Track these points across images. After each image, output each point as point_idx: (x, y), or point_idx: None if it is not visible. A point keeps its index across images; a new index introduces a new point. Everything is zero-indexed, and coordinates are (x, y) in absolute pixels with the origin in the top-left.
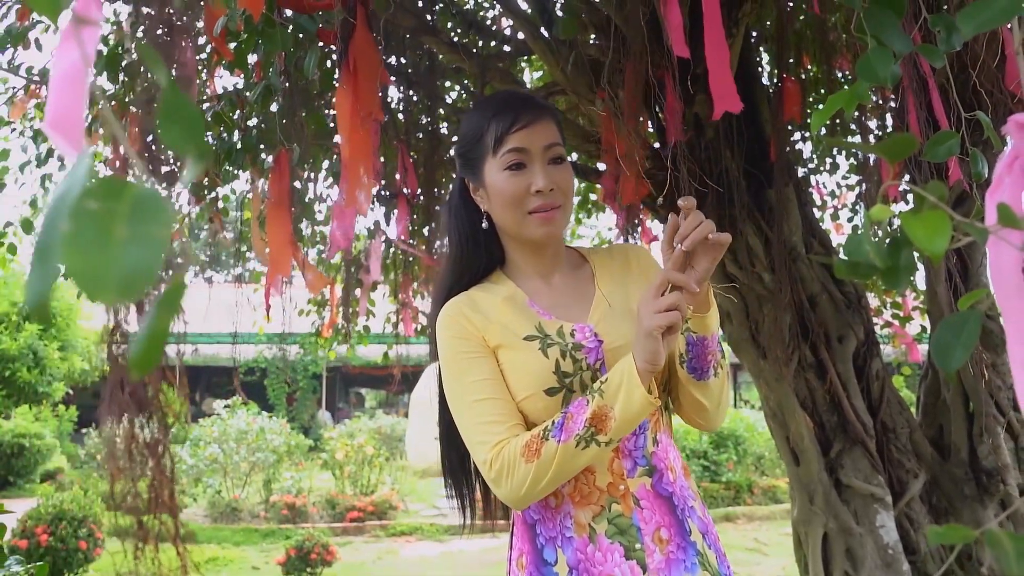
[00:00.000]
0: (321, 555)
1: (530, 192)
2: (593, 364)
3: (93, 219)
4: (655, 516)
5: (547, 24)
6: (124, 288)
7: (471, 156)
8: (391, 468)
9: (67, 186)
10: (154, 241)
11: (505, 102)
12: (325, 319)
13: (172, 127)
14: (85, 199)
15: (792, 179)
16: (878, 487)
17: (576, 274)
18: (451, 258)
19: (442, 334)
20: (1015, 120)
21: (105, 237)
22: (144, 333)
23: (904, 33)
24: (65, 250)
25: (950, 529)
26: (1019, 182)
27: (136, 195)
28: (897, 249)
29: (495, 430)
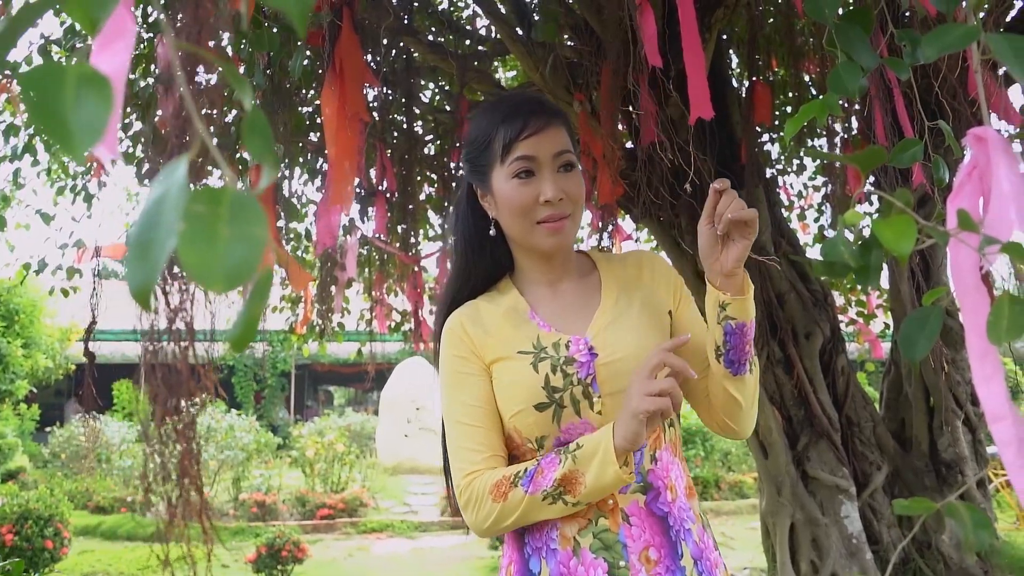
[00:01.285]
0: (292, 552)
1: (539, 202)
2: (584, 379)
3: (201, 220)
4: (645, 535)
5: (524, 25)
6: (230, 279)
7: (479, 162)
8: (361, 466)
9: (164, 189)
10: (254, 239)
11: (515, 107)
12: (299, 316)
13: (254, 139)
14: (193, 203)
15: (761, 180)
16: (843, 479)
17: (584, 282)
18: (457, 265)
19: (443, 347)
20: (973, 133)
21: (213, 236)
22: (241, 317)
23: (871, 48)
24: (182, 247)
25: (915, 502)
26: (977, 189)
27: (233, 199)
28: (868, 250)
29: (472, 458)
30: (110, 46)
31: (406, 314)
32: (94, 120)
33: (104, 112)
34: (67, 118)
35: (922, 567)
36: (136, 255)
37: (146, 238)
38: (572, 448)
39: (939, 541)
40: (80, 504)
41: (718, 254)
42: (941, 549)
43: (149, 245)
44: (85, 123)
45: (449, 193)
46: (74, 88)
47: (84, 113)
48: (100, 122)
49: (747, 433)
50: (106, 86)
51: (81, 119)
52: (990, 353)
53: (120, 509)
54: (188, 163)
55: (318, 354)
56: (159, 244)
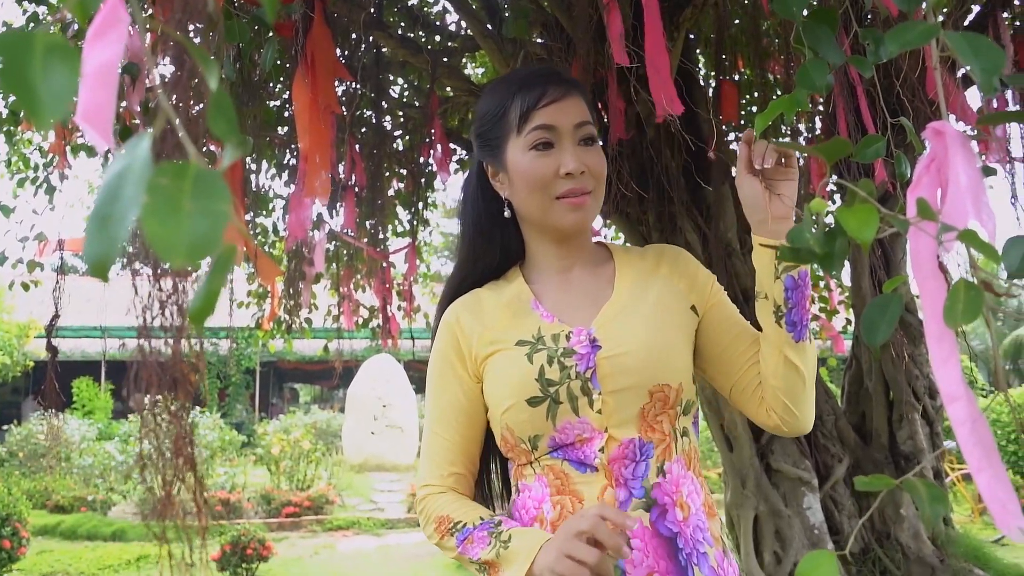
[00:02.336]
0: (257, 550)
1: (559, 175)
2: (583, 372)
3: (165, 194)
4: (648, 559)
5: (495, 21)
6: (192, 252)
7: (491, 136)
8: (327, 463)
9: (126, 163)
10: (217, 213)
11: (531, 76)
12: (265, 311)
13: (219, 120)
14: (157, 176)
15: (728, 178)
16: (805, 471)
17: (597, 272)
18: (463, 252)
19: (436, 339)
20: (932, 127)
21: (176, 209)
22: (202, 290)
23: (837, 46)
24: (145, 219)
25: (875, 479)
26: (935, 181)
27: (197, 174)
28: (832, 238)
29: (434, 472)
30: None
31: (374, 310)
32: (61, 89)
33: (71, 82)
34: (35, 86)
35: (881, 557)
36: (95, 228)
37: (106, 212)
38: (503, 536)
39: (897, 531)
40: (39, 503)
41: (765, 202)
42: (899, 539)
43: (109, 218)
44: (53, 92)
45: (418, 189)
46: (42, 57)
47: (52, 82)
48: (67, 92)
49: (808, 422)
50: (74, 56)
51: (49, 88)
52: (947, 336)
53: (80, 508)
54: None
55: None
56: (119, 217)
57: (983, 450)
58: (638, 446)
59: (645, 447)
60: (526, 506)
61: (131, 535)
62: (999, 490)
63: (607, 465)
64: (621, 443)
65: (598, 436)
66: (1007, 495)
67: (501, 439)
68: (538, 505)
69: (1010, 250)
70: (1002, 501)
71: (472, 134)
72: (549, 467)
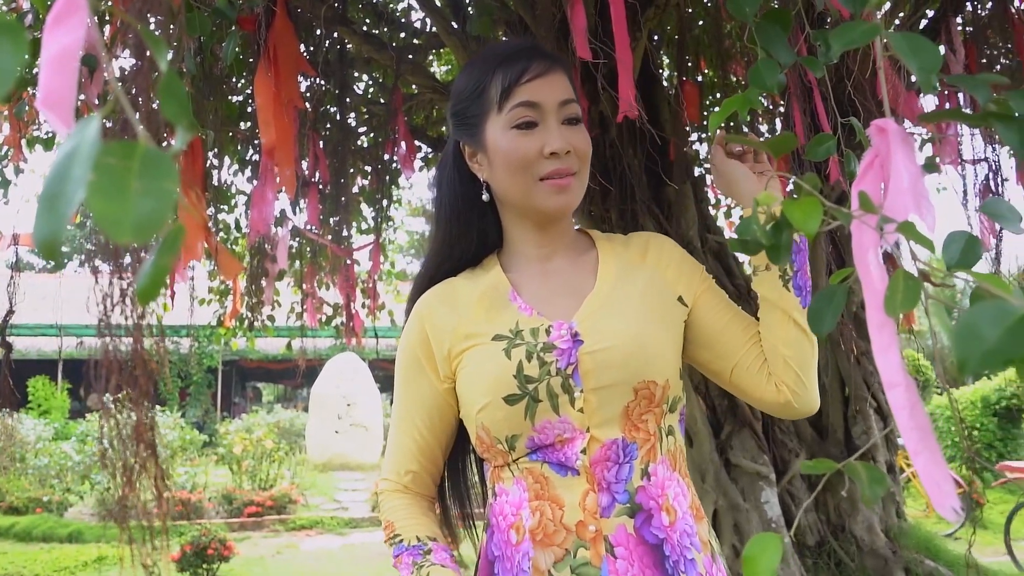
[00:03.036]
0: (218, 551)
1: (542, 155)
2: (564, 368)
3: (112, 172)
4: (633, 568)
5: (459, 19)
6: (139, 231)
7: (469, 114)
8: (290, 463)
9: (76, 143)
10: (163, 193)
11: (513, 50)
12: (227, 308)
13: (170, 102)
14: (104, 155)
15: (689, 177)
16: (763, 466)
17: (579, 261)
18: (437, 239)
19: (405, 330)
20: (876, 124)
21: (123, 188)
22: (149, 268)
23: (789, 46)
24: (90, 197)
25: (819, 463)
26: (878, 176)
27: (145, 154)
28: (779, 230)
29: (393, 468)
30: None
31: (337, 308)
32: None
33: (16, 58)
34: (127, 209)
35: (836, 549)
36: (44, 208)
37: (55, 191)
38: (423, 573)
39: (852, 524)
40: None
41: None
42: (854, 532)
43: (57, 197)
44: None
45: (383, 186)
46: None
47: (144, 205)
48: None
49: (816, 398)
50: (19, 33)
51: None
52: (887, 325)
53: (35, 510)
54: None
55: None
56: (67, 197)
57: (920, 434)
58: (621, 447)
59: (629, 448)
60: (503, 512)
61: (88, 536)
62: (935, 472)
63: (589, 468)
64: (604, 444)
65: (579, 436)
66: (942, 476)
67: (476, 439)
68: (516, 511)
69: (950, 244)
70: (937, 482)
71: (448, 112)
72: (528, 470)
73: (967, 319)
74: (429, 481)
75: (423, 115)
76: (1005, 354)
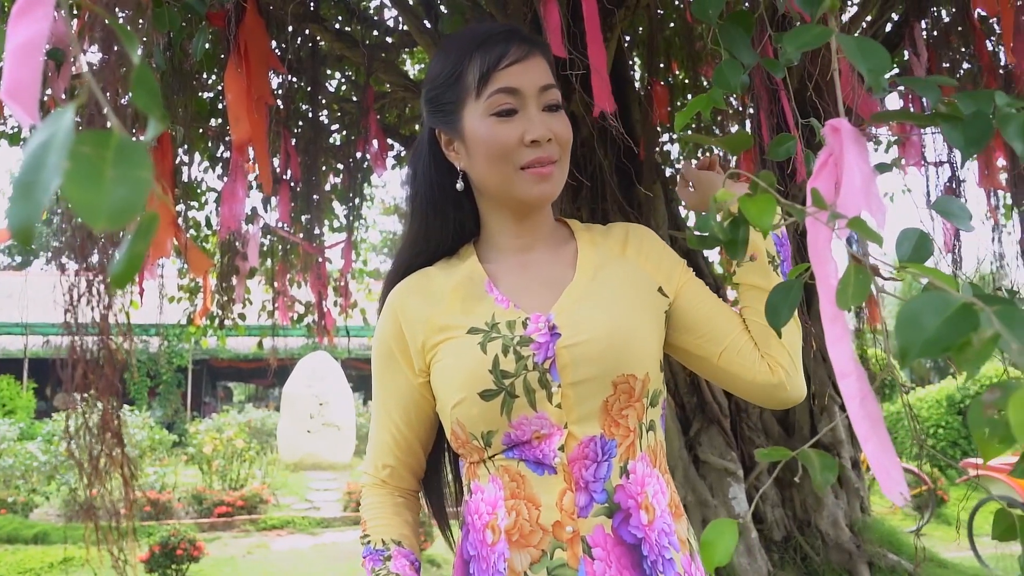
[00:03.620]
0: (188, 551)
1: (523, 143)
2: (541, 363)
3: (87, 161)
4: (611, 570)
5: (432, 17)
6: (114, 218)
7: (445, 100)
8: (262, 462)
9: (49, 133)
10: (138, 181)
11: (489, 33)
12: (197, 307)
13: (142, 93)
14: (79, 144)
15: (660, 177)
16: (731, 462)
17: (558, 252)
18: (413, 229)
19: (379, 322)
20: (830, 124)
21: (98, 176)
22: (124, 255)
23: (752, 48)
24: (67, 185)
25: (773, 450)
26: (832, 174)
27: (119, 143)
28: (736, 226)
29: (373, 461)
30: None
31: (309, 306)
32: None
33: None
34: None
35: (802, 543)
36: (19, 195)
37: (29, 179)
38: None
39: (817, 519)
40: None
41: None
42: (819, 527)
43: (32, 186)
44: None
45: (354, 184)
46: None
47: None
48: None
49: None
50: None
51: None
52: (839, 318)
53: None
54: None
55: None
56: (43, 184)
57: (870, 422)
58: (600, 444)
59: (607, 445)
60: (479, 510)
61: (54, 538)
62: (883, 458)
63: (567, 466)
64: (581, 441)
65: (557, 433)
66: (891, 462)
67: (451, 434)
68: (492, 510)
69: (903, 241)
70: (886, 468)
71: (423, 98)
72: (504, 468)
73: (909, 309)
74: (408, 475)
75: (395, 113)
76: (943, 342)
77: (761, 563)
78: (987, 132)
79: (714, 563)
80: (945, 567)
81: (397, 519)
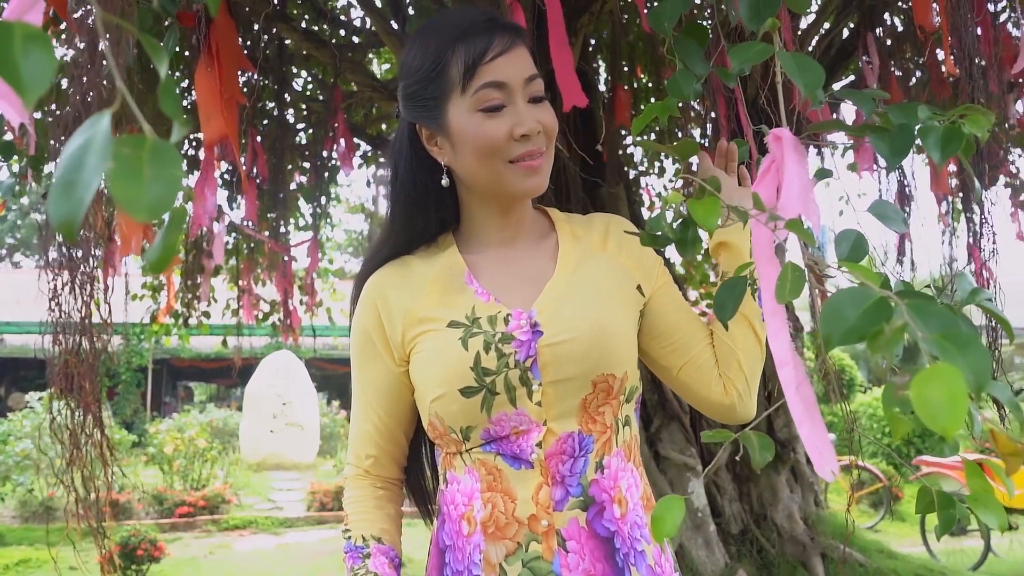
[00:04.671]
0: (148, 551)
1: (513, 137)
2: (523, 361)
3: (128, 161)
4: (584, 562)
5: (399, 19)
6: (152, 210)
7: (427, 95)
8: (224, 462)
9: (87, 137)
10: (171, 178)
11: (471, 23)
12: (161, 305)
13: (168, 101)
14: (120, 146)
15: (623, 179)
16: (691, 458)
17: (539, 244)
18: (392, 224)
19: (357, 311)
20: (773, 133)
21: (138, 174)
22: (159, 243)
23: (705, 59)
24: (112, 182)
25: (717, 432)
26: (774, 179)
27: (153, 145)
28: (686, 226)
29: (356, 452)
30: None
31: (274, 304)
32: (41, 71)
33: (49, 64)
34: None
35: (758, 536)
36: (61, 192)
37: (70, 178)
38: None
39: (773, 513)
40: None
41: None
42: (775, 520)
43: (74, 184)
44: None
45: (321, 183)
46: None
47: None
48: (46, 73)
49: (753, 408)
50: (47, 43)
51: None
52: (779, 312)
53: None
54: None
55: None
56: (84, 182)
57: (805, 407)
58: (577, 440)
59: (584, 441)
60: (455, 501)
61: (9, 539)
62: (816, 439)
63: (544, 461)
64: (559, 437)
65: (536, 429)
66: (823, 443)
67: (429, 425)
68: (468, 501)
69: (841, 241)
70: (819, 448)
71: (400, 92)
72: (481, 461)
73: (833, 302)
74: (391, 463)
75: (362, 113)
76: (861, 331)
77: (719, 555)
78: (910, 143)
79: (663, 535)
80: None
81: (378, 513)
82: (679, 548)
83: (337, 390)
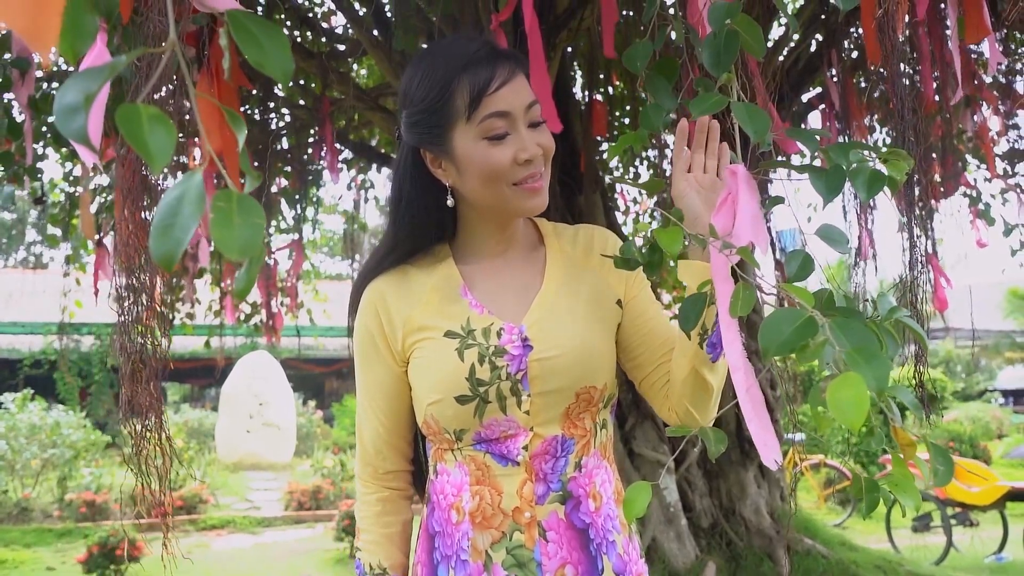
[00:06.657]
0: (127, 551)
1: (517, 162)
2: (514, 374)
3: (222, 211)
4: (562, 551)
5: (383, 29)
6: (242, 251)
7: (431, 123)
8: (200, 462)
9: (183, 189)
10: (255, 225)
11: (474, 53)
12: None
13: (243, 160)
14: (217, 200)
15: (599, 187)
16: (663, 455)
17: (529, 258)
18: (397, 239)
19: (359, 316)
20: (729, 169)
21: (230, 221)
22: (243, 276)
23: (673, 94)
24: (212, 229)
25: (680, 427)
26: (730, 210)
27: (239, 199)
28: (653, 250)
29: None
30: None
31: (256, 306)
32: (164, 144)
33: (171, 138)
34: (147, 141)
35: (727, 530)
36: (159, 234)
37: (167, 222)
38: None
39: (741, 508)
40: None
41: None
42: (743, 514)
43: (171, 227)
44: (159, 146)
45: (303, 187)
46: (147, 122)
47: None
48: (168, 146)
49: (709, 421)
50: (168, 121)
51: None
52: (732, 324)
53: None
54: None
55: None
56: (181, 226)
57: (753, 405)
58: (560, 443)
59: (567, 443)
60: (444, 491)
61: None
62: (763, 433)
63: (529, 461)
64: (545, 440)
65: (523, 433)
66: (769, 437)
67: (424, 423)
68: (457, 492)
69: (790, 260)
70: (765, 441)
71: (404, 119)
72: (471, 457)
73: (771, 319)
74: (398, 457)
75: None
76: (791, 344)
77: (690, 548)
78: (842, 182)
79: (633, 515)
80: (856, 551)
81: (388, 531)
82: (652, 541)
83: (313, 390)
